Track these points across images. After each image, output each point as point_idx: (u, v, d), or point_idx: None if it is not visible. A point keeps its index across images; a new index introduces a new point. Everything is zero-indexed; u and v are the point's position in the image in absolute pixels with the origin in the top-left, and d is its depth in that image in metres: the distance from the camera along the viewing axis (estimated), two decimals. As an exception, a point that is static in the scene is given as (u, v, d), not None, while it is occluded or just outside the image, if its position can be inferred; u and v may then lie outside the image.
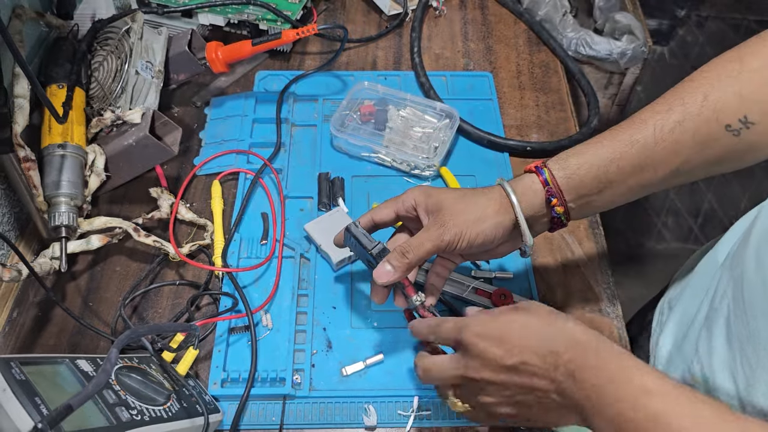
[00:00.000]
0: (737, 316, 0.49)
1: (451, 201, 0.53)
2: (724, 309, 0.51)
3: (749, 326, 0.47)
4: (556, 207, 0.53)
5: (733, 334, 0.49)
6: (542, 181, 0.53)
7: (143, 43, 0.76)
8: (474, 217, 0.52)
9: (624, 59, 1.09)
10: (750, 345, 0.47)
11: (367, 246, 0.56)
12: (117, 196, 0.75)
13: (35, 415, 0.41)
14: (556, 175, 0.53)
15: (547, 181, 0.53)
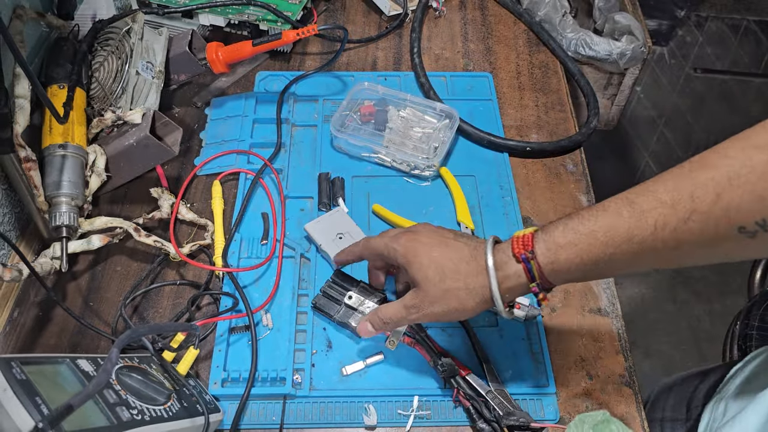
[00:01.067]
0: None
1: (430, 287, 0.52)
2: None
3: None
4: (539, 300, 0.50)
5: None
6: (528, 276, 0.49)
7: (144, 44, 0.76)
8: (450, 310, 0.52)
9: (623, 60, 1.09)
10: None
11: (332, 314, 0.63)
12: (118, 196, 0.75)
13: (36, 414, 0.41)
14: (545, 270, 0.49)
15: (533, 277, 0.49)
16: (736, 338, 0.88)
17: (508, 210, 0.74)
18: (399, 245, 0.54)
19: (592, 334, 0.65)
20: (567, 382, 0.62)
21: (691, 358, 1.49)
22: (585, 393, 0.61)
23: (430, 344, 0.60)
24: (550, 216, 0.75)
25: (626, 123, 1.94)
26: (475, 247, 0.53)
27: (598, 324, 0.66)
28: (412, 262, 0.53)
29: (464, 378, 0.58)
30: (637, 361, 0.76)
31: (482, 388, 0.58)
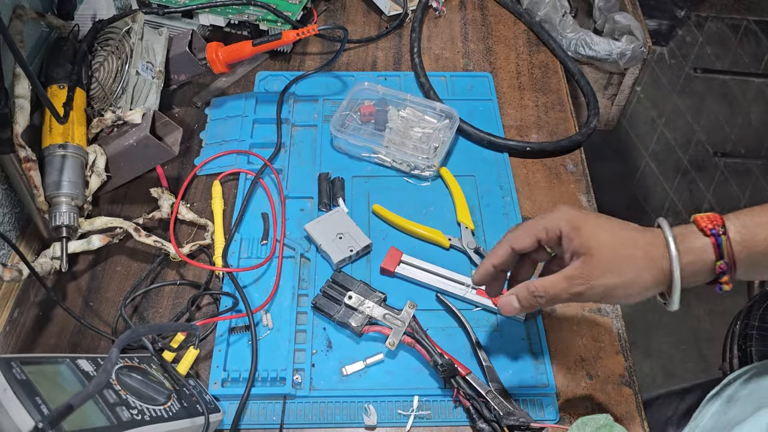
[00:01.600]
0: None
1: (605, 250, 0.45)
2: None
3: None
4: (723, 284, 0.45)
5: None
6: (716, 251, 0.44)
7: (144, 44, 0.76)
8: (624, 283, 0.45)
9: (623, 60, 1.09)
10: None
11: (332, 314, 0.63)
12: (118, 196, 0.75)
13: (36, 414, 0.41)
14: (736, 249, 0.43)
15: (722, 254, 0.44)
16: (736, 338, 0.88)
17: (508, 210, 0.74)
18: (561, 214, 0.48)
19: (592, 334, 0.65)
20: (567, 382, 0.62)
21: (691, 359, 1.49)
22: (585, 393, 0.61)
23: (430, 344, 0.60)
24: (550, 216, 0.75)
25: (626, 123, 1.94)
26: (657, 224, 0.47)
27: (598, 324, 0.66)
28: (581, 227, 0.46)
29: (464, 378, 0.58)
30: (637, 361, 0.76)
31: (482, 388, 0.58)
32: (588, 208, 0.75)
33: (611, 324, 0.66)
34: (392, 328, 0.60)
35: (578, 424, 0.55)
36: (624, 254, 0.45)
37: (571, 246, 0.47)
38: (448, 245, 0.71)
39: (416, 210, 0.74)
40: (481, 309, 0.66)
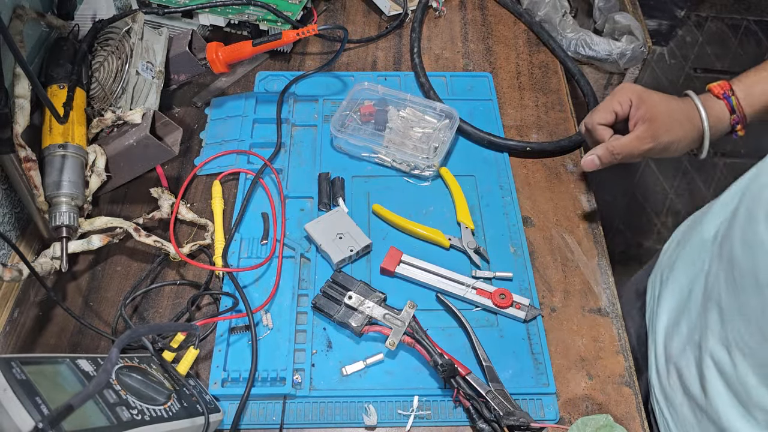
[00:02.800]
0: (729, 295, 0.52)
1: (664, 116, 0.64)
2: (717, 289, 0.54)
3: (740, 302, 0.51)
4: (738, 131, 0.64)
5: (725, 312, 0.53)
6: (729, 108, 0.63)
7: (144, 44, 0.76)
8: (678, 137, 0.64)
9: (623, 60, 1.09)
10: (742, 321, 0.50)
11: (332, 314, 0.63)
12: (118, 196, 0.75)
13: (36, 414, 0.41)
14: (743, 104, 0.63)
15: (734, 109, 0.63)
16: None
17: (508, 210, 0.74)
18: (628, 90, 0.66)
19: (592, 334, 0.65)
20: (567, 382, 0.62)
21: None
22: (585, 393, 0.61)
23: (430, 344, 0.60)
24: (550, 216, 0.75)
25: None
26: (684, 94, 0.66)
27: (598, 324, 0.66)
28: (645, 100, 0.65)
29: (464, 378, 0.58)
30: (637, 361, 0.76)
31: (482, 388, 0.58)
32: (588, 208, 0.76)
33: (611, 324, 0.66)
34: (392, 328, 0.60)
35: (578, 424, 0.55)
36: (676, 118, 0.64)
37: (638, 113, 0.64)
38: (448, 245, 0.71)
39: (416, 210, 0.74)
40: (481, 309, 0.66)
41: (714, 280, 0.55)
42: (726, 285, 0.53)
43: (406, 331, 0.60)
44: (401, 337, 0.60)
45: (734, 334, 0.51)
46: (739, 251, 0.51)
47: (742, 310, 0.50)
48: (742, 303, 0.50)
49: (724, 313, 0.53)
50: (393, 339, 0.59)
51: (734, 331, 0.51)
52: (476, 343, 0.62)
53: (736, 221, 0.53)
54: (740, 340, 0.51)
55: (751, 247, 0.50)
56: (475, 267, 0.69)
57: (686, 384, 0.58)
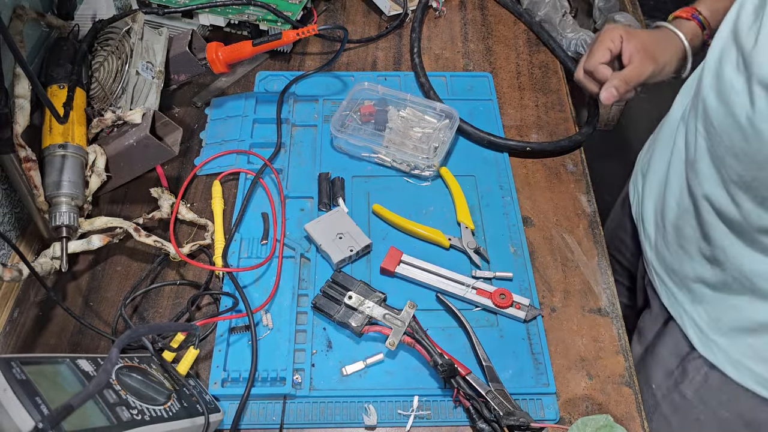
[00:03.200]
0: (713, 140, 0.59)
1: (652, 44, 0.72)
2: (700, 143, 0.61)
3: (724, 142, 0.57)
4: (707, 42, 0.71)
5: (715, 157, 0.59)
6: (699, 25, 0.72)
7: (144, 44, 0.76)
8: (668, 59, 0.72)
9: (624, 60, 1.09)
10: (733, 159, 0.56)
11: (332, 314, 0.63)
12: (118, 196, 0.75)
13: (36, 414, 0.41)
14: (710, 20, 0.71)
15: (703, 26, 0.71)
16: None
17: (508, 210, 0.74)
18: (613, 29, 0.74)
19: (592, 334, 0.65)
20: (567, 382, 0.62)
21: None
22: (585, 393, 0.61)
23: (430, 344, 0.60)
24: (550, 216, 0.75)
25: (626, 123, 1.94)
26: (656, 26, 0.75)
27: (598, 324, 0.66)
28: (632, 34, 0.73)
29: (464, 378, 0.58)
30: (637, 361, 0.76)
31: (482, 388, 0.58)
32: (588, 208, 0.75)
33: (611, 324, 0.66)
34: (392, 328, 0.60)
35: (578, 424, 0.55)
36: (661, 44, 0.72)
37: (630, 46, 0.72)
38: (448, 245, 0.71)
39: (416, 210, 0.74)
40: (481, 309, 0.66)
41: (693, 139, 0.63)
42: (708, 134, 0.60)
43: (406, 331, 0.60)
44: (401, 337, 0.60)
45: (729, 172, 0.58)
46: (713, 101, 0.59)
47: (730, 150, 0.57)
48: (726, 145, 0.57)
49: (715, 159, 0.60)
50: (393, 339, 0.59)
51: (729, 169, 0.58)
52: (476, 343, 0.62)
53: (704, 80, 0.61)
54: (735, 176, 0.57)
55: (721, 93, 0.57)
56: (475, 267, 0.69)
57: (686, 238, 0.66)
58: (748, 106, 0.54)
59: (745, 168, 0.55)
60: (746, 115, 0.54)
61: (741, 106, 0.55)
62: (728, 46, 0.59)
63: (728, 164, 0.57)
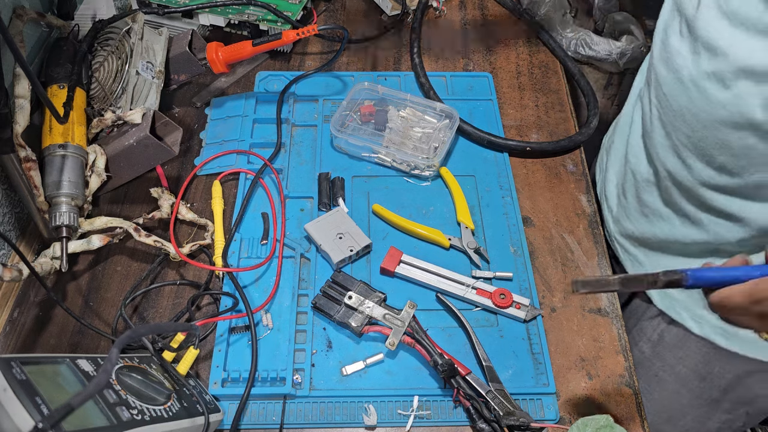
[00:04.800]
0: (664, 107, 0.62)
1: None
2: (654, 112, 0.64)
3: (672, 106, 0.60)
4: None
5: (666, 123, 0.62)
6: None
7: (144, 44, 0.76)
8: None
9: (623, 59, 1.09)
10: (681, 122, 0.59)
11: (332, 314, 0.63)
12: (118, 196, 0.75)
13: (36, 414, 0.41)
14: None
15: None
16: None
17: (508, 210, 0.74)
18: None
19: (592, 334, 0.65)
20: (567, 382, 0.62)
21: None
22: (585, 393, 0.61)
23: (430, 344, 0.60)
24: (550, 216, 0.75)
25: (626, 123, 1.93)
26: None
27: (598, 324, 0.66)
28: None
29: (464, 378, 0.58)
30: (637, 361, 0.77)
31: (482, 388, 0.58)
32: (588, 208, 0.75)
33: (611, 324, 0.66)
34: (392, 328, 0.60)
35: (578, 424, 0.55)
36: None
37: None
38: (448, 245, 0.71)
39: (416, 210, 0.74)
40: (481, 309, 0.66)
41: (648, 110, 0.65)
42: (659, 102, 0.62)
43: (406, 331, 0.60)
44: (401, 337, 0.60)
45: (679, 135, 0.61)
46: (662, 70, 0.61)
47: (678, 113, 0.60)
48: (675, 109, 0.60)
49: (666, 125, 0.62)
50: (393, 339, 0.59)
51: (678, 133, 0.60)
52: (476, 343, 0.62)
53: (653, 53, 0.63)
54: (684, 138, 0.60)
55: (668, 59, 0.60)
56: (475, 267, 0.69)
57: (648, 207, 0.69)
58: (692, 67, 0.57)
59: (692, 129, 0.58)
60: (690, 77, 0.57)
61: (686, 68, 0.58)
62: (672, 16, 0.61)
63: (678, 128, 0.60)
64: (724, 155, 0.57)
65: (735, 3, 0.52)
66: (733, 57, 0.53)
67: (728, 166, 0.58)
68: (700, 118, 0.58)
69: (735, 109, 0.54)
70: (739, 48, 0.53)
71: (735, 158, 0.57)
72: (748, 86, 0.53)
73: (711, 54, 0.55)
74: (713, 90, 0.56)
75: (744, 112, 0.54)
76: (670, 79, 0.60)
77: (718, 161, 0.58)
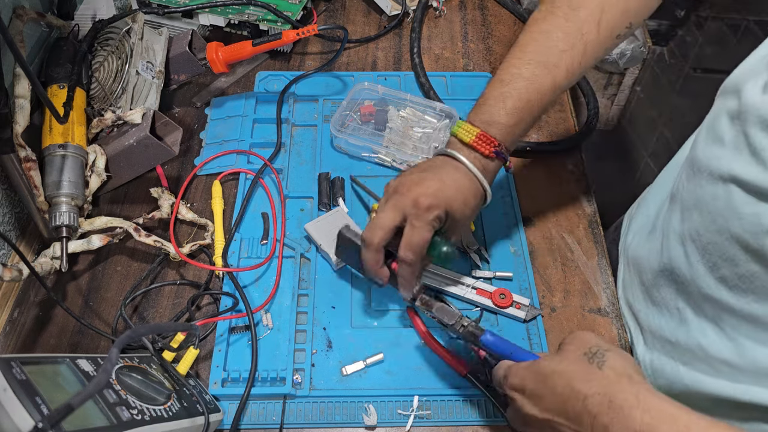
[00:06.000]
0: (689, 191, 0.56)
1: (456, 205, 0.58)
2: (680, 189, 0.58)
3: (696, 195, 0.54)
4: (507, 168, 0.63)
5: (685, 207, 0.56)
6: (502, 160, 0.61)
7: (144, 44, 0.76)
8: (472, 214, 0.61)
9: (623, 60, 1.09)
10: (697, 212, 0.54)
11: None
12: (118, 196, 0.75)
13: (36, 414, 0.41)
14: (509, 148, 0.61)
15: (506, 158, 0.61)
16: None
17: (507, 210, 0.74)
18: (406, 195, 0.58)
19: (592, 334, 0.65)
20: (567, 382, 0.62)
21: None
22: (585, 393, 0.61)
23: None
24: (549, 216, 0.75)
25: (626, 123, 1.94)
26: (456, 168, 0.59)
27: (598, 324, 0.66)
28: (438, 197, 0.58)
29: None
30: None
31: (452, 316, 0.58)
32: (588, 208, 0.76)
33: (611, 324, 0.66)
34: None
35: None
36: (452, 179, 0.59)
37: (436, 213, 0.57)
38: (448, 245, 0.71)
39: (416, 210, 0.74)
40: (481, 309, 0.66)
41: (679, 182, 0.59)
42: (687, 182, 0.57)
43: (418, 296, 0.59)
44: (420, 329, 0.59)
45: (689, 225, 0.55)
46: (701, 149, 0.55)
47: (699, 202, 0.54)
48: (698, 196, 0.54)
49: (684, 209, 0.57)
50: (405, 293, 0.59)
51: (690, 222, 0.55)
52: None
53: (704, 125, 0.57)
54: (694, 231, 0.54)
55: (711, 143, 0.53)
56: (475, 267, 0.69)
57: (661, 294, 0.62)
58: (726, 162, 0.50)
59: (704, 224, 0.53)
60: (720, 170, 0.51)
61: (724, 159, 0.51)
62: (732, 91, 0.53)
63: (693, 217, 0.55)
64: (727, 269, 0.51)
65: None
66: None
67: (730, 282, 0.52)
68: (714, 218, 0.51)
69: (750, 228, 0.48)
70: None
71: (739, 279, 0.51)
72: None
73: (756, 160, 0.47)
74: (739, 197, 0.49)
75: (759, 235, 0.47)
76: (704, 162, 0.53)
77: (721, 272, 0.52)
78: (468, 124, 0.59)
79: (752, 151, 0.47)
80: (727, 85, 0.54)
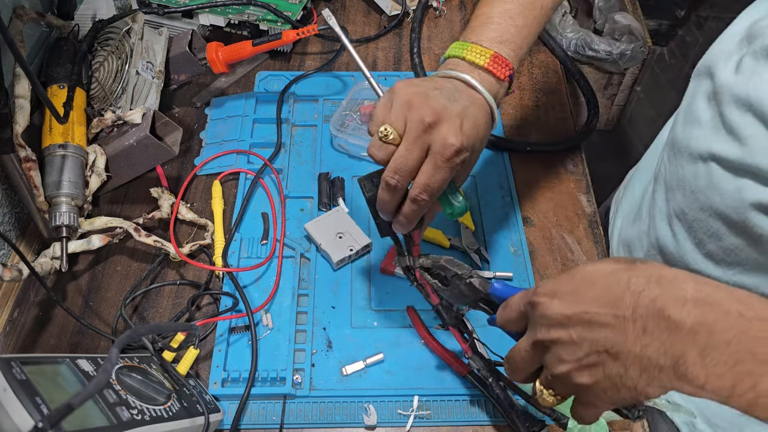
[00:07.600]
0: (671, 172, 0.57)
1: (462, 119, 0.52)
2: (663, 171, 0.59)
3: (678, 176, 0.55)
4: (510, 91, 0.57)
5: (668, 188, 0.58)
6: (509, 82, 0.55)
7: (144, 44, 0.76)
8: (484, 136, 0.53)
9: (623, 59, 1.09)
10: (680, 192, 0.55)
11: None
12: (118, 196, 0.75)
13: (36, 414, 0.41)
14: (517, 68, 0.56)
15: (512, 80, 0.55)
16: None
17: (508, 210, 0.74)
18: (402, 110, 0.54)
19: (592, 334, 0.65)
20: (567, 382, 0.62)
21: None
22: (585, 393, 0.61)
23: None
24: (550, 216, 0.75)
25: (626, 123, 1.94)
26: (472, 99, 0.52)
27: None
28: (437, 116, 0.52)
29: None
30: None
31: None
32: (588, 208, 0.75)
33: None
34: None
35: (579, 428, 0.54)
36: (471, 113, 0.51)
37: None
38: (448, 245, 0.71)
39: (416, 210, 0.74)
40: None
41: (661, 164, 0.60)
42: (669, 163, 0.58)
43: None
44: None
45: (674, 204, 0.56)
46: (680, 130, 0.56)
47: (681, 182, 0.55)
48: (680, 176, 0.55)
49: (668, 190, 0.58)
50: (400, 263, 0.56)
51: (674, 201, 0.56)
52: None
53: (682, 107, 0.58)
54: (679, 210, 0.56)
55: (689, 123, 0.54)
56: (475, 267, 0.69)
57: None
58: (706, 140, 0.51)
59: (688, 202, 0.54)
60: (699, 150, 0.51)
61: (702, 139, 0.52)
62: (704, 74, 0.54)
63: (677, 197, 0.56)
64: (713, 244, 0.53)
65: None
66: (750, 151, 0.48)
67: (716, 256, 0.53)
68: (698, 196, 0.53)
69: (731, 203, 0.50)
70: (759, 144, 0.47)
71: (724, 252, 0.52)
72: (754, 185, 0.48)
73: (732, 138, 0.49)
74: (719, 174, 0.50)
75: (740, 209, 0.49)
76: (684, 143, 0.55)
77: (707, 248, 0.54)
78: (476, 45, 0.53)
79: (728, 129, 0.49)
80: (701, 67, 0.56)
